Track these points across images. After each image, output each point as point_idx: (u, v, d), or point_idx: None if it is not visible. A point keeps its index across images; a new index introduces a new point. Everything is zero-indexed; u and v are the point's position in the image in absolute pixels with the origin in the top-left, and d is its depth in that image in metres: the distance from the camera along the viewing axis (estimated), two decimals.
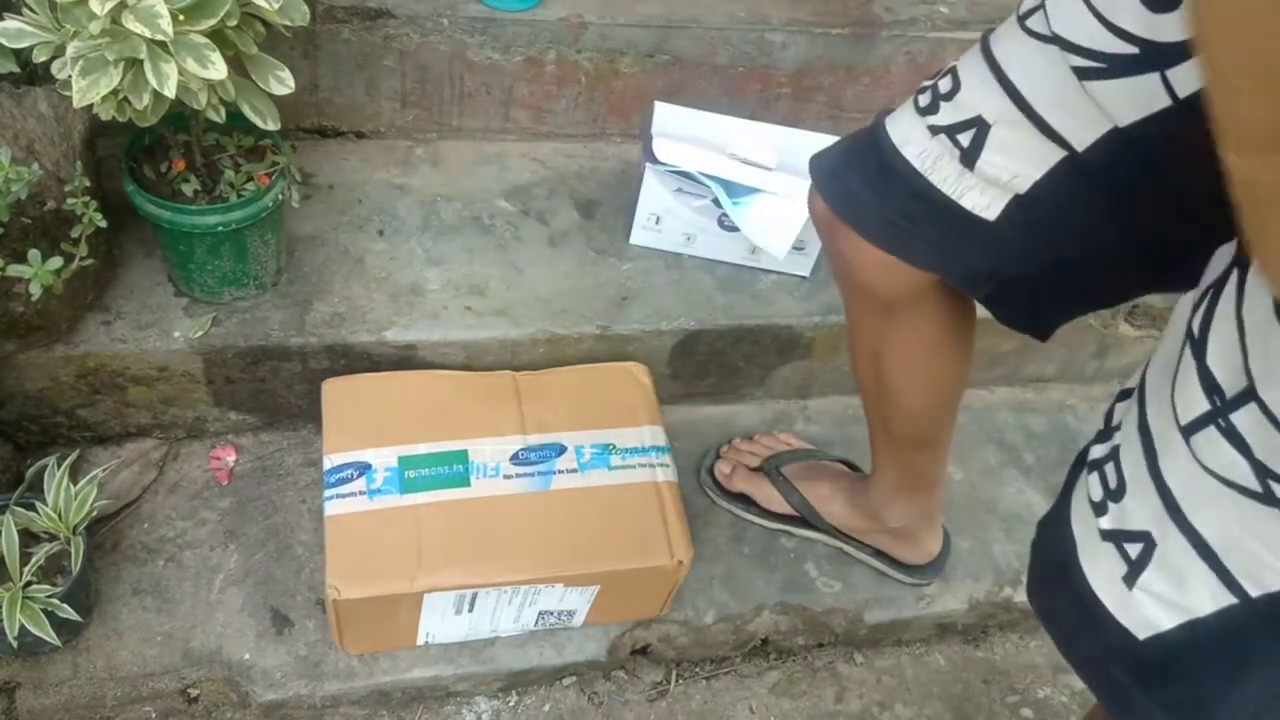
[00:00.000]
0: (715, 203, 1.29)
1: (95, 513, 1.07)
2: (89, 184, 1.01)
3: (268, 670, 1.10)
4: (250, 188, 1.10)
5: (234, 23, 0.91)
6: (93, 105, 0.87)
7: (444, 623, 1.11)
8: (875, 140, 0.83)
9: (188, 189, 1.08)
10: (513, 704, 1.20)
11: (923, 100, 0.80)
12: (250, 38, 0.95)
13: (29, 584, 1.00)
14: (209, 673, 1.09)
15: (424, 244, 1.30)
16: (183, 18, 0.86)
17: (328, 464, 1.10)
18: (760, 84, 1.46)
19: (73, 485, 1.06)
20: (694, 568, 1.19)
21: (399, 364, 1.22)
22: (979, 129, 0.75)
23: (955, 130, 0.77)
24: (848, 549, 1.30)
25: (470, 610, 1.09)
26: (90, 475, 1.08)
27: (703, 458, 1.36)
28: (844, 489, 1.26)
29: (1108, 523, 0.64)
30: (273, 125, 1.01)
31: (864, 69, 1.48)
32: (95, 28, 0.83)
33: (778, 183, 1.28)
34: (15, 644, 1.00)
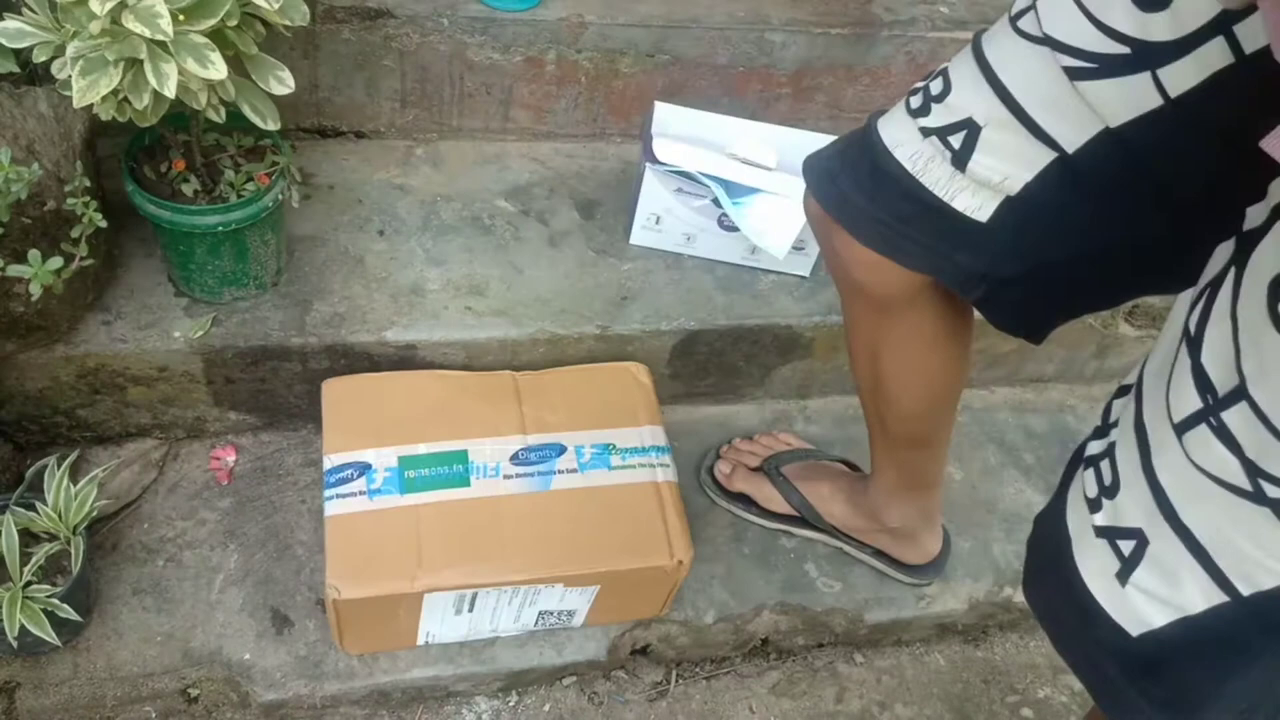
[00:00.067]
0: (715, 203, 1.29)
1: (95, 513, 1.06)
2: (89, 184, 1.01)
3: (268, 670, 1.10)
4: (250, 188, 1.10)
5: (234, 23, 0.91)
6: (93, 105, 0.87)
7: (444, 623, 1.11)
8: (867, 142, 0.83)
9: (188, 189, 1.08)
10: (513, 704, 1.20)
11: (914, 102, 0.80)
12: (250, 38, 0.95)
13: (29, 584, 1.00)
14: (209, 673, 1.09)
15: (424, 244, 1.30)
16: (183, 18, 0.86)
17: (328, 464, 1.10)
18: (760, 84, 1.46)
19: (73, 485, 1.06)
20: (694, 568, 1.19)
21: (399, 364, 1.22)
22: (970, 131, 0.75)
23: (946, 132, 0.77)
24: (848, 549, 1.30)
25: (470, 610, 1.09)
26: (90, 475, 1.08)
27: (703, 458, 1.36)
28: (844, 489, 1.27)
29: (1102, 519, 0.64)
30: (273, 125, 1.01)
31: (864, 69, 1.48)
32: (95, 28, 0.83)
33: (778, 183, 1.28)
34: (15, 644, 1.00)
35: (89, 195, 1.00)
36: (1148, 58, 0.64)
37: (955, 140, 0.76)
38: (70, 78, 0.86)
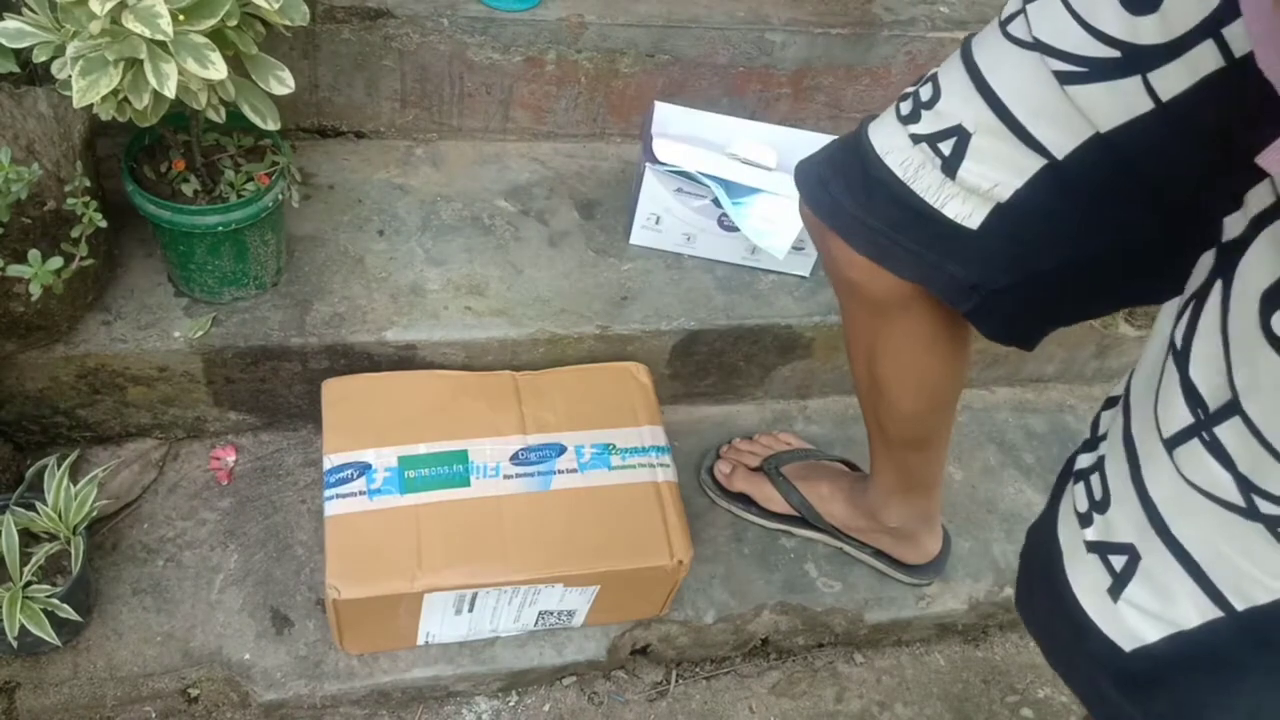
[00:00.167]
0: (715, 203, 1.29)
1: (95, 513, 1.06)
2: (89, 184, 1.01)
3: (268, 670, 1.10)
4: (250, 188, 1.10)
5: (234, 23, 0.91)
6: (93, 105, 0.87)
7: (444, 623, 1.11)
8: (859, 149, 0.83)
9: (188, 189, 1.08)
10: (513, 704, 1.20)
11: (904, 108, 0.80)
12: (250, 38, 0.95)
13: (29, 584, 1.00)
14: (209, 673, 1.09)
15: (424, 244, 1.30)
16: (183, 18, 0.86)
17: (328, 464, 1.10)
18: (760, 84, 1.46)
19: (73, 485, 1.06)
20: (694, 568, 1.19)
21: (399, 364, 1.22)
22: (960, 138, 0.75)
23: (936, 139, 0.77)
24: (848, 549, 1.30)
25: (470, 610, 1.09)
26: (90, 475, 1.08)
27: (703, 458, 1.36)
28: (844, 489, 1.27)
29: (1093, 534, 0.64)
30: (273, 125, 1.01)
31: (864, 69, 1.48)
32: (95, 28, 0.83)
33: (778, 183, 1.28)
34: (15, 644, 1.00)
35: (89, 195, 1.00)
36: (1138, 61, 0.64)
37: (945, 147, 0.76)
38: (70, 78, 0.86)
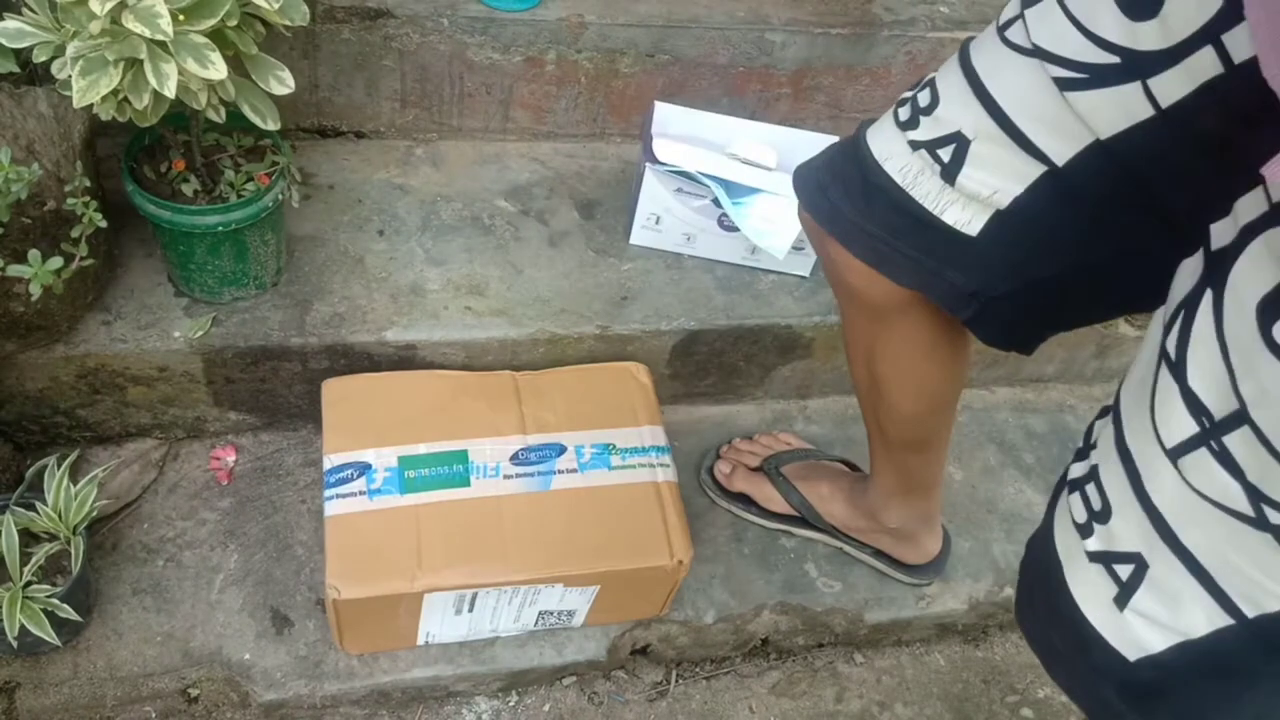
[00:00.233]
0: (715, 203, 1.29)
1: (95, 513, 1.06)
2: (89, 184, 1.01)
3: (268, 670, 1.10)
4: (250, 188, 1.10)
5: (234, 23, 0.91)
6: (93, 105, 0.87)
7: (444, 623, 1.11)
8: (857, 155, 0.82)
9: (188, 189, 1.08)
10: (513, 704, 1.20)
11: (902, 114, 0.79)
12: (250, 38, 0.95)
13: (29, 584, 1.00)
14: (209, 673, 1.09)
15: (424, 244, 1.30)
16: (183, 18, 0.86)
17: (328, 464, 1.10)
18: (760, 84, 1.46)
19: (73, 485, 1.06)
20: (694, 568, 1.19)
21: (399, 364, 1.22)
22: (959, 144, 0.75)
23: (935, 145, 0.76)
24: (848, 549, 1.30)
25: (470, 610, 1.09)
26: (90, 475, 1.08)
27: (703, 458, 1.36)
28: (844, 489, 1.27)
29: (1095, 544, 0.63)
30: (273, 125, 1.01)
31: (864, 69, 1.48)
32: (95, 28, 0.83)
33: (778, 183, 1.28)
34: (15, 644, 1.00)
35: (89, 195, 1.00)
36: (1138, 67, 0.64)
37: (944, 153, 0.76)
38: (70, 78, 0.86)
